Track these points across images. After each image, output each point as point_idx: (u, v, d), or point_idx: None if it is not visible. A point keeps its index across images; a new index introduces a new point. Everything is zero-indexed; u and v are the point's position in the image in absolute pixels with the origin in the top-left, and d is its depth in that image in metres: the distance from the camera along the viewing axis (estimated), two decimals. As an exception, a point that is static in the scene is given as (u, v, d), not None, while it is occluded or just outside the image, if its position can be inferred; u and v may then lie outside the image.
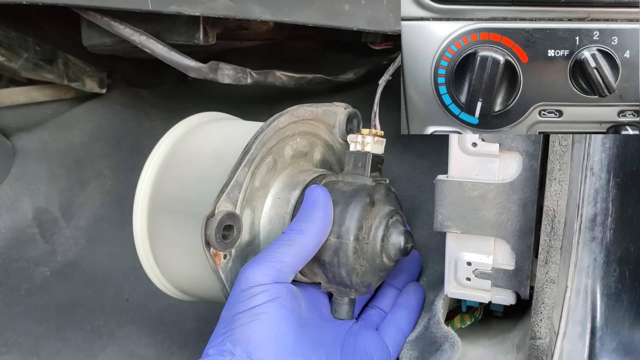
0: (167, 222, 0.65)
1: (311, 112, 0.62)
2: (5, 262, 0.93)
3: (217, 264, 0.55)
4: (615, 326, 0.52)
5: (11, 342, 0.81)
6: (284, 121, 0.60)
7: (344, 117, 0.66)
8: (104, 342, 0.82)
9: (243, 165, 0.56)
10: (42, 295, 0.90)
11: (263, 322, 0.52)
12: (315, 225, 0.55)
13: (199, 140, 0.69)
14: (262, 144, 0.58)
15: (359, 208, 0.57)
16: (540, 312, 0.51)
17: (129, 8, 0.63)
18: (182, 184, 0.65)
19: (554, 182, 0.50)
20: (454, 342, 0.57)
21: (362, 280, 0.58)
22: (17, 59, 0.87)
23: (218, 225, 0.53)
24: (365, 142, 0.61)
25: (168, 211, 0.65)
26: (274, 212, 0.61)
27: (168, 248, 0.65)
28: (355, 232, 0.57)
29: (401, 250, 0.59)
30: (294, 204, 0.60)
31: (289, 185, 0.61)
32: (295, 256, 0.54)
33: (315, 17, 0.58)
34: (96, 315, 0.86)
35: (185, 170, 0.66)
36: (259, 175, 0.59)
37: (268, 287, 0.53)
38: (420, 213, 0.75)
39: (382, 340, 0.61)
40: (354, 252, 0.57)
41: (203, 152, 0.66)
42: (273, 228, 0.61)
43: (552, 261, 0.51)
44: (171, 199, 0.65)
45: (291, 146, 0.63)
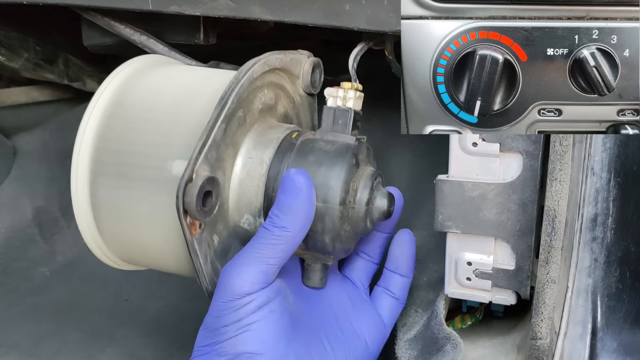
0: (115, 187, 0.56)
1: (281, 60, 0.58)
2: (5, 263, 0.93)
3: (192, 234, 0.49)
4: (616, 326, 0.52)
5: (10, 342, 0.81)
6: (258, 70, 0.55)
7: (309, 67, 0.62)
8: (103, 343, 0.82)
9: (220, 122, 0.50)
10: (42, 295, 0.90)
11: (253, 333, 0.49)
12: (300, 220, 0.51)
13: (151, 86, 0.59)
14: (239, 98, 0.53)
15: (346, 169, 0.53)
16: (540, 313, 0.51)
17: (129, 8, 0.63)
18: (133, 141, 0.55)
19: (555, 182, 0.50)
20: (456, 343, 0.57)
21: (344, 245, 0.55)
22: (18, 58, 0.87)
23: (199, 191, 0.47)
24: (348, 97, 0.57)
25: (117, 175, 0.56)
26: (245, 173, 0.55)
27: (116, 218, 0.57)
28: (343, 196, 0.53)
29: (384, 214, 0.56)
30: (269, 164, 0.55)
31: (261, 143, 0.56)
32: (281, 256, 0.51)
33: (316, 17, 0.58)
34: (95, 316, 0.86)
35: (136, 124, 0.56)
36: (229, 132, 0.53)
37: (255, 296, 0.50)
38: (420, 213, 0.75)
39: (374, 313, 0.60)
40: (340, 218, 0.53)
41: (159, 102, 0.57)
42: (244, 191, 0.55)
43: (552, 261, 0.51)
44: (120, 161, 0.56)
45: (259, 99, 0.57)
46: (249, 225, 0.55)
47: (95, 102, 0.58)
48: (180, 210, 0.47)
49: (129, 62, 0.61)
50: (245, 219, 0.55)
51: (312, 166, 0.54)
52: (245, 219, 0.55)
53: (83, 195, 0.57)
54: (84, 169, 0.57)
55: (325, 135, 0.56)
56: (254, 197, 0.54)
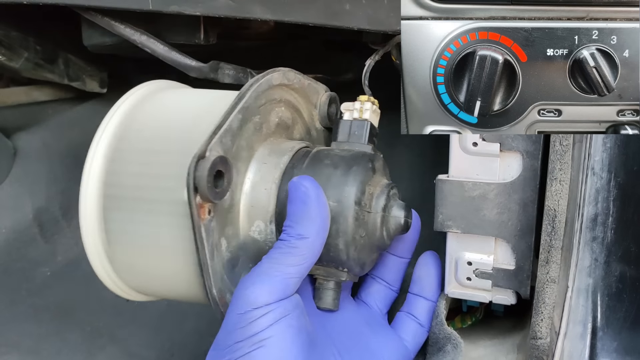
0: (126, 212, 0.54)
1: (299, 80, 0.59)
2: (6, 263, 0.93)
3: (201, 218, 0.47)
4: (616, 326, 0.52)
5: (11, 342, 0.81)
6: (277, 78, 0.55)
7: (326, 99, 0.62)
8: (104, 343, 0.82)
9: (237, 111, 0.50)
10: (43, 295, 0.90)
11: (269, 349, 0.45)
12: (314, 224, 0.49)
13: (159, 110, 0.58)
14: (256, 95, 0.52)
15: (362, 171, 0.52)
16: (541, 312, 0.51)
17: (129, 8, 0.63)
18: (145, 164, 0.54)
19: (555, 182, 0.50)
20: (457, 343, 0.57)
21: (359, 255, 0.53)
22: (18, 58, 0.87)
23: (211, 167, 0.45)
24: (364, 108, 0.58)
25: (128, 210, 0.54)
26: (259, 177, 0.54)
27: (128, 244, 0.55)
28: (358, 196, 0.52)
29: (402, 226, 0.55)
30: (284, 169, 0.54)
31: (276, 151, 0.55)
32: (302, 265, 0.48)
33: (316, 16, 0.58)
34: (96, 315, 0.86)
35: (147, 147, 0.55)
36: (245, 133, 0.53)
37: (273, 307, 0.46)
38: (420, 213, 0.75)
39: (395, 336, 0.58)
40: (355, 219, 0.51)
41: (167, 131, 0.55)
42: (256, 195, 0.53)
43: (553, 261, 0.51)
44: (131, 185, 0.54)
45: (276, 113, 0.57)
46: (260, 234, 0.54)
47: (99, 137, 0.57)
48: (191, 186, 0.45)
49: (130, 93, 0.60)
50: (256, 226, 0.54)
51: (327, 168, 0.53)
52: (256, 226, 0.54)
53: (93, 228, 0.55)
54: (93, 206, 0.55)
55: (341, 145, 0.57)
56: (266, 201, 0.53)
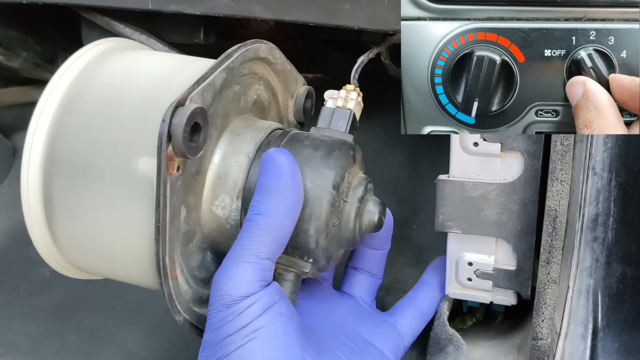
0: (72, 189, 0.50)
1: (283, 62, 0.57)
2: (5, 263, 0.92)
3: (169, 172, 0.43)
4: (617, 327, 0.52)
5: (10, 343, 0.81)
6: (264, 50, 0.53)
7: (304, 91, 0.60)
8: (103, 344, 0.82)
9: (222, 69, 0.47)
10: (42, 296, 0.89)
11: (263, 339, 0.44)
12: (285, 202, 0.45)
13: (118, 70, 0.53)
14: (242, 60, 0.50)
15: (344, 157, 0.50)
16: (541, 313, 0.51)
17: (129, 7, 0.63)
18: (94, 140, 0.49)
19: (556, 182, 0.50)
20: (458, 345, 0.56)
21: (328, 246, 0.50)
22: (17, 58, 0.87)
23: (190, 116, 0.42)
24: (350, 97, 0.56)
25: (74, 176, 0.50)
26: (231, 149, 0.50)
27: (70, 215, 0.51)
28: (338, 181, 0.49)
29: (375, 223, 0.52)
30: (259, 144, 0.51)
31: (252, 127, 0.52)
32: (272, 247, 0.45)
33: (316, 16, 0.57)
34: (95, 316, 0.86)
35: (97, 121, 0.50)
36: (223, 99, 0.50)
37: (259, 296, 0.44)
38: (421, 213, 0.75)
39: (387, 323, 0.57)
40: (331, 205, 0.48)
41: (123, 94, 0.51)
42: (226, 167, 0.50)
43: (553, 261, 0.51)
44: (81, 152, 0.50)
45: (255, 90, 0.55)
46: (223, 209, 0.50)
47: (48, 95, 0.51)
48: (164, 134, 0.42)
49: (90, 46, 0.55)
50: (221, 200, 0.50)
51: (306, 149, 0.50)
52: (220, 200, 0.50)
53: (35, 197, 0.51)
54: (36, 169, 0.51)
55: (321, 131, 0.55)
56: (236, 175, 0.50)
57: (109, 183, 0.49)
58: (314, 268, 0.51)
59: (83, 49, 0.54)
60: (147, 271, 0.49)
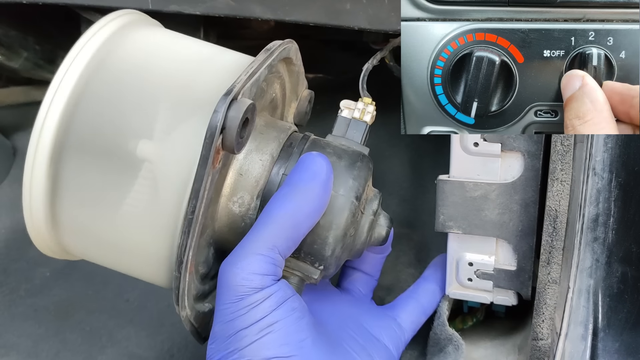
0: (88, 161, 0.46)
1: (300, 64, 0.56)
2: (5, 263, 0.92)
3: (213, 164, 0.41)
4: (617, 327, 0.52)
5: (10, 343, 0.81)
6: (294, 51, 0.53)
7: (307, 95, 0.60)
8: (103, 344, 0.82)
9: (266, 66, 0.45)
10: (42, 296, 0.89)
11: (278, 334, 0.43)
12: (311, 202, 0.45)
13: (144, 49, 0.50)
14: (279, 58, 0.48)
15: (365, 169, 0.51)
16: (542, 313, 0.51)
17: (129, 7, 0.63)
18: (119, 112, 0.46)
19: (556, 182, 0.50)
20: (458, 345, 0.56)
21: (342, 255, 0.50)
22: (17, 58, 0.87)
23: (245, 111, 0.41)
24: (367, 110, 0.56)
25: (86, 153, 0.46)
26: (254, 145, 0.50)
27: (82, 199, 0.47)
28: (360, 192, 0.49)
29: (382, 237, 0.53)
30: (282, 144, 0.50)
31: (273, 125, 0.52)
32: (287, 243, 0.45)
33: (317, 16, 0.58)
34: (96, 316, 0.86)
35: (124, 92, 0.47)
36: (257, 94, 0.48)
37: (272, 290, 0.44)
38: (421, 213, 0.75)
39: (387, 316, 0.57)
40: (352, 215, 0.49)
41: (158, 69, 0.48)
42: (249, 165, 0.49)
43: (554, 262, 0.51)
44: (102, 130, 0.46)
45: (274, 89, 0.54)
46: (240, 206, 0.49)
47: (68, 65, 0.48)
48: (219, 126, 0.40)
49: (112, 16, 0.51)
50: (239, 197, 0.49)
51: (331, 157, 0.50)
52: (238, 197, 0.49)
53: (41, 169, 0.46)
54: (49, 141, 0.46)
55: (338, 139, 0.55)
56: (258, 174, 0.49)
57: (130, 168, 0.45)
58: (321, 276, 0.51)
59: (104, 19, 0.51)
60: (159, 264, 0.47)
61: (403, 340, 0.57)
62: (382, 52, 0.62)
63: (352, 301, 0.59)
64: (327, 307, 0.56)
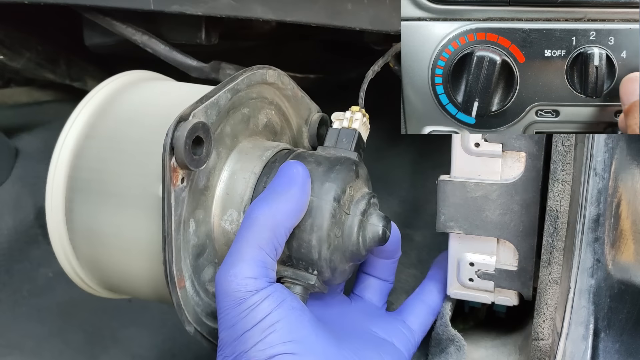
0: (93, 209, 0.54)
1: (293, 88, 0.59)
2: (8, 263, 0.93)
3: (172, 183, 0.45)
4: (618, 328, 0.52)
5: (13, 343, 0.81)
6: (271, 75, 0.55)
7: (317, 118, 0.62)
8: (106, 344, 0.82)
9: (226, 90, 0.50)
10: (45, 296, 0.90)
11: (280, 332, 0.44)
12: (289, 204, 0.47)
13: (132, 102, 0.58)
14: (248, 83, 0.52)
15: (345, 171, 0.52)
16: (542, 313, 0.51)
17: (130, 8, 0.63)
18: (112, 158, 0.55)
19: (557, 183, 0.50)
20: (460, 345, 0.56)
21: (332, 257, 0.51)
22: (19, 58, 0.87)
23: (191, 129, 0.45)
24: (354, 118, 0.57)
25: (95, 193, 0.54)
26: (239, 166, 0.53)
27: (91, 237, 0.55)
28: (338, 193, 0.51)
29: (379, 236, 0.53)
30: (265, 162, 0.54)
31: (260, 147, 0.55)
32: (272, 243, 0.47)
33: (318, 16, 0.58)
34: (98, 316, 0.86)
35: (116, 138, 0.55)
36: (232, 119, 0.53)
37: (268, 292, 0.45)
38: (422, 213, 0.75)
39: (398, 321, 0.57)
40: (332, 216, 0.50)
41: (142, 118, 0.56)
42: (234, 184, 0.53)
43: (554, 262, 0.50)
44: (96, 177, 0.55)
45: (266, 114, 0.58)
46: (231, 223, 0.52)
47: (71, 124, 0.58)
48: (167, 146, 0.45)
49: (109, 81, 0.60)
50: (229, 215, 0.53)
51: (309, 165, 0.52)
52: (228, 215, 0.53)
53: (58, 216, 0.56)
54: (60, 188, 0.56)
55: (327, 149, 0.56)
56: (243, 190, 0.52)
57: (124, 205, 0.53)
58: (320, 281, 0.52)
59: (105, 81, 0.60)
60: (161, 284, 0.51)
61: (413, 343, 0.57)
62: (384, 58, 0.62)
63: (364, 308, 0.60)
64: (338, 315, 0.57)
